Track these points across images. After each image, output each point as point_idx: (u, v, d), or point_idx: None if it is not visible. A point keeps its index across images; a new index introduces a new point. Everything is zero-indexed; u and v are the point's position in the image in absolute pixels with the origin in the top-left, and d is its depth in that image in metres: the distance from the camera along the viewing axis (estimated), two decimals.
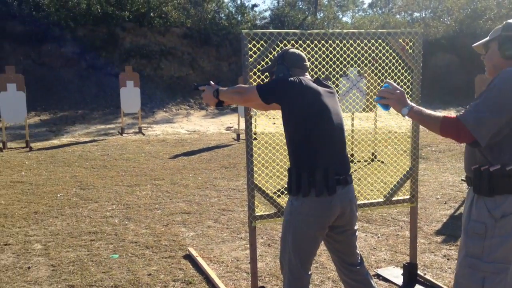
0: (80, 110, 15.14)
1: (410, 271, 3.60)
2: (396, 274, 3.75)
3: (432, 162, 8.65)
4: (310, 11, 29.10)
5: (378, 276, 3.76)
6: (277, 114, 2.70)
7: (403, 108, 2.15)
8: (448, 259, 4.09)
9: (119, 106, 12.73)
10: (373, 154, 8.65)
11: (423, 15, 30.25)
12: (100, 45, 17.78)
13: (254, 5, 29.40)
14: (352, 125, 9.13)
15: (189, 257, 4.12)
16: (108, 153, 9.47)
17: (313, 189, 2.41)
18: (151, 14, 19.44)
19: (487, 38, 2.26)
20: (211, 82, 2.92)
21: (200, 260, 3.97)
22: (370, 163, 8.18)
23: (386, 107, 2.23)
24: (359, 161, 8.37)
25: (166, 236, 4.68)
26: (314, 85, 2.55)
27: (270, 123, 13.80)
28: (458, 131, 2.01)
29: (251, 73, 3.21)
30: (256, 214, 3.34)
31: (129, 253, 4.22)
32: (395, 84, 2.22)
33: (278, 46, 3.27)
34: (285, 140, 2.60)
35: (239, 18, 23.84)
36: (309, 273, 2.59)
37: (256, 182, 3.34)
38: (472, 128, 1.98)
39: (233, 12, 24.64)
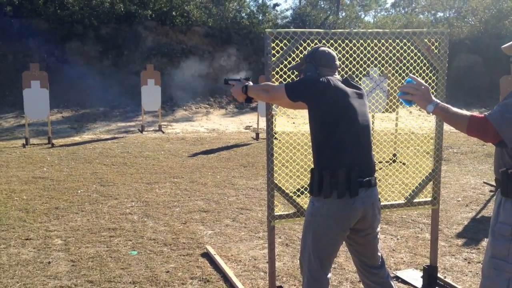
0: (101, 108, 15.31)
1: (430, 273, 3.54)
2: (415, 277, 3.69)
3: (453, 164, 8.50)
4: (332, 11, 28.90)
5: (397, 278, 3.70)
6: (298, 114, 2.67)
7: (428, 105, 2.10)
8: (469, 263, 4.00)
9: (139, 104, 12.83)
10: (394, 155, 8.53)
11: (447, 15, 29.71)
12: (123, 43, 17.97)
13: (276, 4, 29.39)
14: (373, 126, 9.02)
15: (207, 255, 4.12)
16: (128, 150, 9.56)
17: (335, 190, 2.39)
18: (173, 13, 19.56)
19: None
20: (241, 78, 2.93)
21: (217, 258, 3.96)
22: (391, 164, 8.07)
23: (409, 102, 2.17)
24: (380, 162, 8.26)
25: (184, 233, 4.69)
26: (342, 86, 2.52)
27: (290, 123, 13.80)
28: (485, 130, 1.98)
29: (274, 72, 3.19)
30: (275, 213, 3.32)
31: (147, 250, 4.24)
32: (419, 79, 2.17)
33: (301, 45, 3.25)
34: (305, 140, 2.59)
35: (260, 17, 23.83)
36: (329, 275, 2.56)
37: (276, 182, 3.32)
38: (499, 127, 1.95)
39: (255, 11, 24.63)
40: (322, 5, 30.65)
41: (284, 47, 3.18)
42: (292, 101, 2.53)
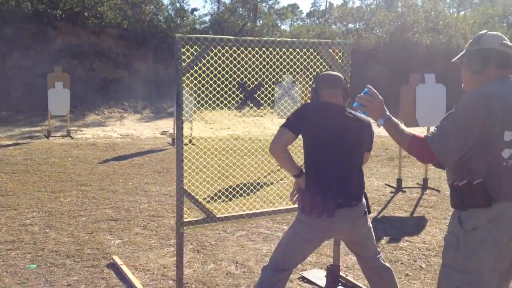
0: (3, 112, 14.24)
1: (333, 272, 3.68)
2: (320, 276, 3.83)
3: None
4: (250, 18, 29.37)
5: (303, 278, 3.81)
6: (216, 119, 2.67)
7: (379, 119, 2.17)
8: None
9: (46, 108, 12.10)
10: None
11: (357, 26, 31.44)
12: (29, 44, 16.87)
13: (194, 9, 29.23)
14: None
15: (113, 266, 3.96)
16: (32, 157, 8.95)
17: (314, 210, 2.60)
18: (86, 13, 18.74)
19: (462, 53, 2.28)
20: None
21: (124, 268, 3.82)
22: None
23: (364, 112, 2.23)
24: None
25: (90, 244, 4.48)
26: (329, 114, 2.67)
27: (207, 128, 13.73)
28: (423, 152, 2.06)
29: (184, 78, 3.17)
30: (185, 220, 3.29)
31: (48, 263, 3.98)
32: (375, 91, 2.21)
33: (212, 51, 3.25)
34: (223, 145, 2.68)
35: (178, 22, 23.57)
36: (288, 270, 2.75)
37: (186, 188, 3.29)
38: (437, 151, 2.02)
39: (172, 15, 24.33)
40: (241, 12, 31.04)
41: (195, 53, 3.17)
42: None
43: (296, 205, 2.83)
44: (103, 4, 19.56)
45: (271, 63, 3.60)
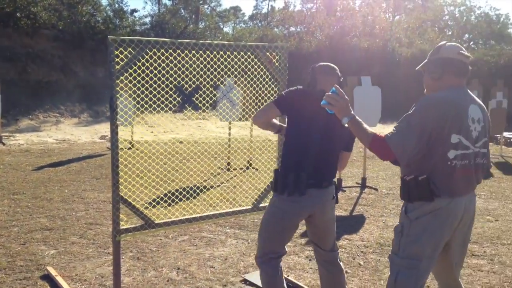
0: None
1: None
2: None
3: None
4: (192, 20, 29.16)
5: (245, 281, 3.83)
6: (158, 121, 2.61)
7: (344, 117, 2.34)
8: (310, 260, 4.30)
9: None
10: (248, 162, 8.86)
11: (299, 29, 32.05)
12: None
13: (134, 10, 28.47)
14: (229, 134, 9.27)
15: (47, 277, 3.78)
16: None
17: (286, 189, 2.76)
18: (18, 14, 17.82)
19: (424, 61, 2.49)
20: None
21: (59, 279, 3.67)
22: (245, 170, 8.37)
23: (331, 110, 2.38)
24: (235, 169, 8.52)
25: (23, 255, 4.26)
26: (317, 102, 2.71)
27: (148, 131, 13.46)
28: (383, 150, 2.26)
29: (118, 81, 3.09)
30: (122, 227, 3.21)
31: None
32: (341, 91, 2.36)
33: (147, 54, 3.19)
34: (168, 149, 2.68)
35: (117, 23, 22.96)
36: (279, 253, 2.91)
37: (126, 194, 3.21)
38: (394, 149, 2.22)
39: (111, 16, 23.66)
40: (183, 14, 30.76)
41: (129, 55, 3.10)
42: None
43: (239, 208, 2.90)
44: (37, 4, 18.69)
45: (208, 66, 3.59)
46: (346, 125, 2.35)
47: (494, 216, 5.97)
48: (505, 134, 13.34)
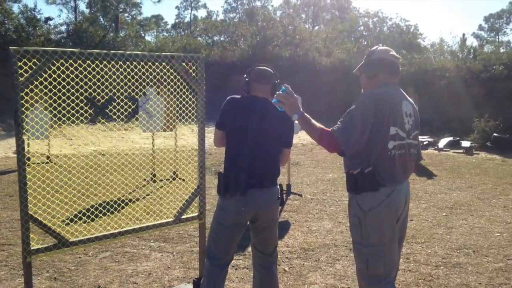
0: None
1: (198, 286, 3.68)
2: None
3: None
4: (112, 28, 28.34)
5: None
6: (77, 134, 2.49)
7: (294, 114, 2.52)
8: (236, 269, 4.31)
9: None
10: (174, 172, 8.72)
11: (222, 38, 32.26)
12: None
13: (48, 18, 27.05)
14: (153, 144, 9.07)
15: None
16: None
17: (228, 190, 2.86)
18: None
19: (360, 64, 2.73)
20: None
21: None
22: (171, 181, 8.23)
23: (281, 108, 2.55)
24: (161, 180, 8.36)
25: None
26: (251, 105, 2.92)
27: (67, 144, 12.83)
28: (330, 143, 2.46)
29: (22, 94, 2.93)
30: (33, 247, 3.03)
31: None
32: (291, 89, 2.54)
33: (54, 65, 3.06)
34: (89, 162, 2.63)
35: (30, 31, 21.79)
36: (224, 260, 3.00)
37: (40, 210, 3.04)
38: (340, 141, 2.43)
39: (24, 24, 22.41)
40: (102, 22, 29.81)
41: (34, 67, 2.95)
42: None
43: (161, 221, 2.97)
44: None
45: (122, 76, 3.50)
46: (296, 121, 2.52)
47: (409, 216, 6.33)
48: None
